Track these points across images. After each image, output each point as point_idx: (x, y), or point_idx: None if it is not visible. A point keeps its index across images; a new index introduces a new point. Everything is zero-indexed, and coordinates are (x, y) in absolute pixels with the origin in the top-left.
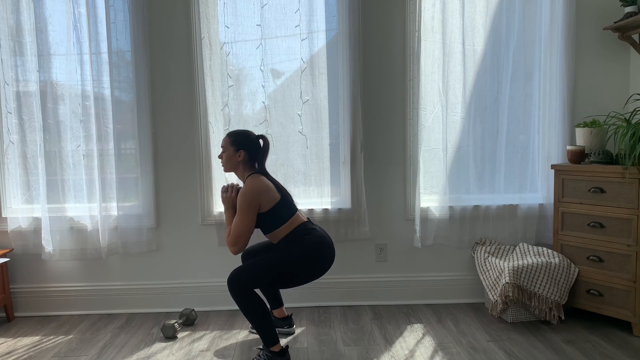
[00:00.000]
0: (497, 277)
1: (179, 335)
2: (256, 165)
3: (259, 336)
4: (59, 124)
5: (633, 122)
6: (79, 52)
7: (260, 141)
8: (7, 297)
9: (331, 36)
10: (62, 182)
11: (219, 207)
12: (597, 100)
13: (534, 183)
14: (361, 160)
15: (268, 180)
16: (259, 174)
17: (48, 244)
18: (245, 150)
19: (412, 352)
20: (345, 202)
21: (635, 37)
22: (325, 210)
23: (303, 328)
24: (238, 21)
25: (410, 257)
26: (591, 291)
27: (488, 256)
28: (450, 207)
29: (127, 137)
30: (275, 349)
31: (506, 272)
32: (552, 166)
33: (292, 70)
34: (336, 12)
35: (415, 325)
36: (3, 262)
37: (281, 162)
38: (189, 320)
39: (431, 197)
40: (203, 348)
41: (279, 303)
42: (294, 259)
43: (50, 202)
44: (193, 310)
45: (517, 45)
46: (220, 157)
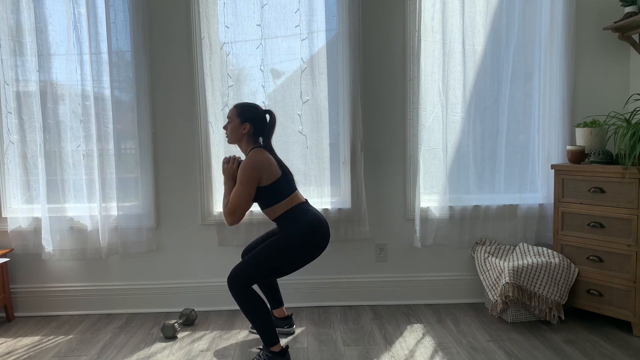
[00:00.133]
0: (497, 277)
1: (179, 335)
2: (261, 140)
3: (259, 336)
4: (59, 124)
5: (633, 122)
6: (79, 52)
7: (267, 116)
8: (7, 297)
9: (331, 36)
10: (62, 182)
11: (218, 207)
12: (597, 100)
13: (534, 183)
14: (361, 160)
15: (271, 155)
16: (262, 148)
17: (48, 244)
18: (251, 123)
19: (412, 352)
20: (345, 202)
21: (635, 37)
22: (325, 210)
23: (303, 328)
24: (238, 21)
25: (410, 257)
26: (591, 291)
27: (488, 256)
28: (450, 207)
29: (127, 137)
30: (275, 349)
31: (506, 272)
32: (552, 166)
33: (292, 70)
34: (336, 12)
35: (415, 325)
36: (3, 262)
37: None
38: (189, 320)
39: (431, 197)
40: (203, 348)
41: (279, 303)
42: (292, 243)
43: (50, 202)
44: (193, 310)
45: (517, 45)
46: (225, 127)
